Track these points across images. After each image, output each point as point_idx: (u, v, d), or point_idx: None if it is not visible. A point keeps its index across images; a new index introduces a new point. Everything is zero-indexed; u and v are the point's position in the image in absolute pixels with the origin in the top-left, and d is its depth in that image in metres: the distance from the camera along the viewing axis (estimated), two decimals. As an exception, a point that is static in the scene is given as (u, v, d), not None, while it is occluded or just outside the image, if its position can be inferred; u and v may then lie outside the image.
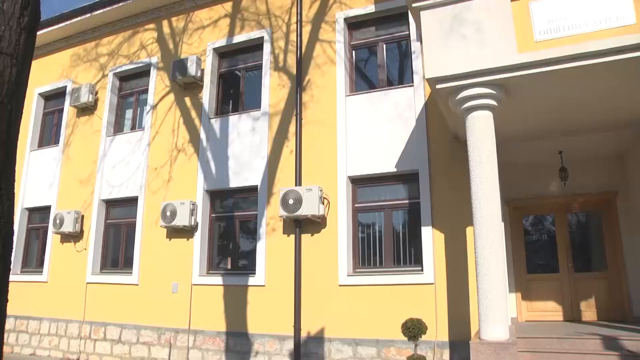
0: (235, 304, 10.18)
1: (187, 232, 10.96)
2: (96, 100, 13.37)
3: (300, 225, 9.91)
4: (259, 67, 11.58)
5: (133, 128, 12.96)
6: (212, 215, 11.17)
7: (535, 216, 11.32)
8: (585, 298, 10.44)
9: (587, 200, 10.72)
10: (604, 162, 10.63)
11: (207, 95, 11.68)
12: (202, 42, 12.15)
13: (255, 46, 11.69)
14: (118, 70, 13.33)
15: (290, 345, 9.55)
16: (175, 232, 11.09)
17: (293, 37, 11.11)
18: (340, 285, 9.45)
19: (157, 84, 12.51)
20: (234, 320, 10.12)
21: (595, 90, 7.32)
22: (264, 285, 10.03)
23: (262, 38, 11.48)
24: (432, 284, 8.93)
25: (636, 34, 6.35)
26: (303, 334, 9.51)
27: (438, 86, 7.12)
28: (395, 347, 8.88)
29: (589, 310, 10.37)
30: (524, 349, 7.44)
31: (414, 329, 7.45)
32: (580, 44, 6.49)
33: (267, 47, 11.34)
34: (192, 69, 11.45)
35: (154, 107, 12.31)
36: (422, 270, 9.09)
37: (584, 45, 6.46)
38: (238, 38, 11.75)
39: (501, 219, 6.90)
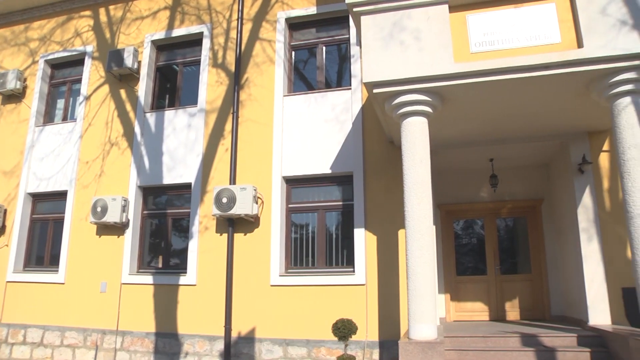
0: (166, 303, 10.01)
1: (118, 229, 10.68)
2: (24, 88, 12.75)
3: (234, 225, 9.84)
4: (197, 63, 11.41)
5: (64, 119, 12.46)
6: (145, 212, 10.93)
7: (465, 220, 11.66)
8: (510, 299, 10.89)
9: (515, 206, 11.19)
10: (531, 171, 11.17)
11: (143, 88, 11.40)
12: (140, 33, 11.85)
13: (195, 41, 11.52)
14: (50, 57, 12.77)
15: (220, 345, 9.47)
16: (106, 229, 10.79)
17: (233, 34, 11.01)
18: (272, 286, 9.46)
19: (92, 74, 12.09)
20: (164, 320, 9.95)
21: (525, 102, 7.68)
22: (195, 285, 9.90)
23: (201, 33, 11.32)
24: (364, 284, 9.06)
25: (561, 52, 6.73)
26: (234, 334, 9.46)
27: (375, 91, 7.22)
28: (326, 347, 8.97)
29: (512, 310, 10.85)
30: (450, 347, 7.71)
31: (344, 329, 7.52)
32: (512, 58, 6.82)
33: (206, 43, 11.18)
34: (128, 61, 11.16)
35: (87, 97, 11.91)
36: (353, 271, 9.22)
37: (515, 59, 6.80)
38: (177, 32, 11.53)
39: (433, 222, 7.08)
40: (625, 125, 6.73)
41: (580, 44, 6.77)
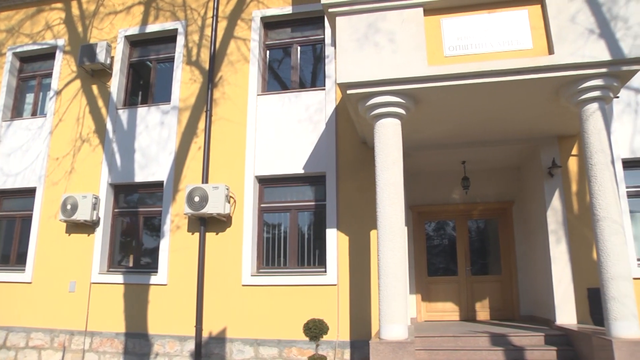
0: (137, 303, 9.89)
1: (88, 227, 10.52)
2: (-9, 81, 12.47)
3: (206, 224, 9.78)
4: (171, 60, 11.30)
5: (34, 114, 12.19)
6: (116, 210, 10.78)
7: (437, 222, 11.75)
8: (480, 299, 11.02)
9: (486, 208, 11.33)
10: (502, 173, 11.31)
11: (116, 84, 11.24)
12: (114, 28, 11.68)
13: (169, 37, 11.39)
14: (19, 49, 12.46)
15: (191, 345, 9.41)
16: (76, 227, 10.61)
17: (208, 31, 10.92)
18: (243, 285, 9.44)
19: (63, 68, 11.87)
20: (134, 320, 9.83)
21: (497, 106, 7.79)
22: (166, 285, 9.81)
23: (176, 30, 11.21)
24: (335, 285, 9.10)
25: (532, 57, 6.86)
26: (205, 334, 9.39)
27: (349, 91, 7.24)
28: (297, 347, 8.97)
29: (483, 310, 10.98)
30: (421, 347, 7.80)
31: (315, 330, 7.54)
32: (485, 62, 6.92)
33: (180, 40, 11.07)
34: (101, 56, 10.98)
35: (58, 92, 11.69)
36: (325, 271, 9.24)
37: (488, 63, 6.90)
38: (151, 27, 11.39)
39: (405, 223, 7.12)
40: (593, 131, 6.89)
41: (551, 51, 6.90)
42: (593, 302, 8.38)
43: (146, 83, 11.53)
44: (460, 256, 11.31)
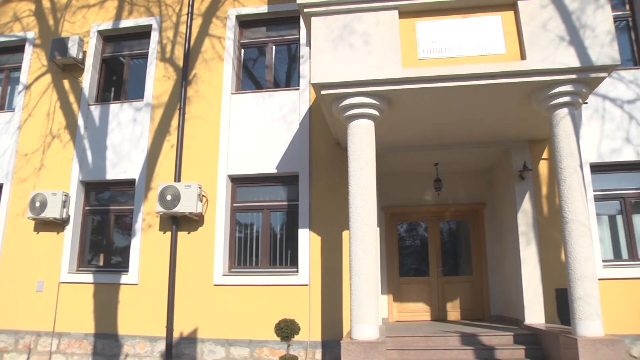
0: (107, 303, 9.74)
1: (57, 225, 10.31)
2: (-44, 74, 12.10)
3: (178, 223, 9.70)
4: (144, 56, 11.16)
5: (1, 108, 11.83)
6: (86, 208, 10.60)
7: (409, 223, 11.84)
8: (451, 299, 11.14)
9: (458, 210, 11.45)
10: (474, 176, 11.46)
11: (88, 79, 11.04)
12: (86, 22, 11.46)
13: (143, 33, 11.24)
14: (-16, 42, 12.11)
15: (162, 346, 9.31)
16: (45, 225, 10.40)
17: (183, 28, 10.81)
18: (215, 285, 9.38)
19: (33, 62, 11.59)
20: (104, 321, 9.68)
21: (470, 110, 7.89)
22: (137, 284, 9.69)
23: (150, 26, 11.07)
24: (307, 285, 9.12)
25: (505, 62, 6.97)
26: (176, 335, 9.32)
27: (323, 92, 7.25)
28: (269, 347, 8.96)
29: (453, 310, 11.11)
30: (392, 347, 7.85)
31: (287, 330, 7.53)
32: (459, 66, 7.00)
33: (154, 36, 10.94)
34: (73, 50, 10.77)
35: (27, 87, 11.42)
36: (297, 271, 9.26)
37: (461, 67, 6.99)
38: (125, 23, 11.22)
39: (377, 224, 7.16)
40: (563, 135, 7.02)
41: (523, 56, 7.01)
42: (561, 302, 8.55)
43: (119, 79, 11.37)
44: (431, 257, 11.43)
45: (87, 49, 11.21)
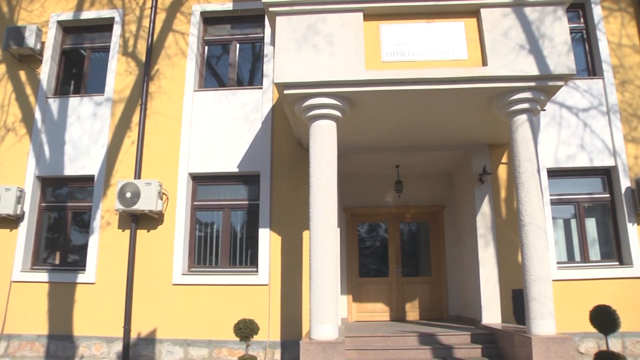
0: (62, 303, 9.46)
1: (11, 221, 9.96)
2: None
3: (137, 221, 9.53)
4: (106, 49, 10.88)
5: (-48, 99, 11.47)
6: (42, 204, 10.29)
7: (370, 224, 11.93)
8: (410, 300, 11.27)
9: (418, 212, 11.59)
10: (435, 178, 11.64)
11: (47, 71, 10.70)
12: (45, 11, 11.10)
13: (105, 26, 10.96)
14: None
15: (119, 347, 9.12)
16: (-3, 221, 10.08)
17: (146, 22, 10.61)
18: (174, 284, 9.26)
19: (-15, 51, 11.20)
20: (59, 321, 9.39)
21: (432, 113, 8.00)
22: (94, 283, 9.46)
23: (112, 19, 10.81)
24: (267, 285, 9.10)
25: (467, 68, 7.08)
26: (133, 335, 9.15)
27: (286, 92, 7.23)
28: (228, 347, 8.91)
29: (412, 310, 11.24)
30: (351, 347, 7.90)
31: (246, 330, 7.47)
32: (421, 70, 7.08)
33: (117, 29, 10.70)
34: (30, 40, 10.42)
35: (-20, 77, 11.06)
36: (257, 271, 9.23)
37: (424, 71, 7.07)
38: (87, 14, 10.93)
39: (337, 224, 7.17)
40: (522, 141, 7.17)
41: (485, 62, 7.14)
42: (516, 302, 8.75)
43: (79, 72, 11.08)
44: (391, 258, 11.54)
45: (45, 40, 10.86)
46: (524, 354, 6.71)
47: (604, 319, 6.77)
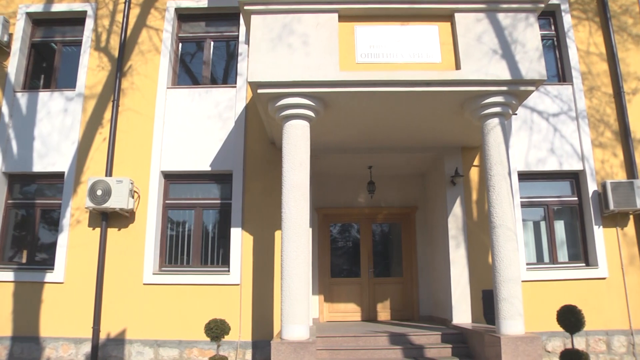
0: (28, 303, 9.21)
1: (-25, 218, 9.75)
2: None
3: (108, 219, 9.39)
4: (78, 44, 10.67)
5: None
6: (9, 201, 10.02)
7: (342, 224, 11.99)
8: (382, 300, 11.34)
9: (390, 213, 11.68)
10: (407, 180, 11.74)
11: (15, 64, 10.43)
12: (13, 2, 10.76)
13: (77, 20, 10.74)
14: None
15: (87, 348, 8.93)
16: (-39, 219, 9.79)
17: (119, 17, 10.44)
18: (145, 284, 9.14)
19: (-52, 41, 10.85)
20: (25, 322, 9.14)
21: (405, 115, 8.05)
22: (62, 283, 9.25)
23: (85, 12, 10.60)
24: (238, 284, 9.07)
25: (440, 71, 7.15)
26: (102, 336, 8.98)
27: (260, 91, 7.20)
28: (198, 348, 8.84)
29: (384, 311, 11.31)
30: (322, 347, 7.91)
31: (217, 330, 7.42)
32: (395, 72, 7.13)
33: (89, 23, 10.50)
34: (-4, 31, 10.18)
35: (-57, 69, 10.72)
36: (229, 271, 9.18)
37: (398, 73, 7.12)
38: (58, 7, 10.70)
39: (310, 225, 7.19)
40: (493, 144, 7.27)
41: (458, 66, 7.21)
42: (486, 302, 8.84)
43: (49, 66, 10.84)
44: (363, 258, 11.60)
45: (13, 32, 10.56)
46: (494, 353, 6.83)
47: (570, 319, 6.99)
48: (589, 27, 10.48)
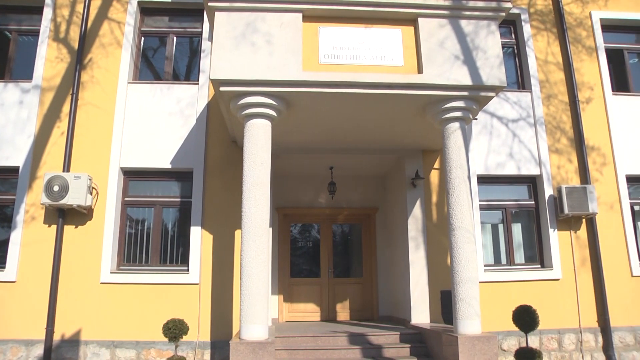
0: (-26, 305, 8.85)
1: None
2: None
3: (64, 216, 9.12)
4: (35, 33, 10.28)
5: None
6: (-42, 195, 9.70)
7: (303, 224, 12.02)
8: (341, 300, 11.40)
9: (351, 214, 11.75)
10: (368, 181, 11.85)
11: (-34, 53, 10.09)
12: (-39, -15, 10.33)
13: (34, 8, 10.35)
14: None
15: (39, 350, 8.60)
16: None
17: (80, 8, 10.13)
18: (102, 283, 8.91)
19: None
20: (-31, 325, 8.77)
21: (367, 117, 8.10)
22: (14, 282, 8.89)
23: (42, 1, 10.20)
24: (197, 284, 8.97)
25: (403, 74, 7.23)
26: (56, 337, 8.69)
27: (222, 89, 7.14)
28: (156, 348, 8.69)
29: (343, 311, 11.36)
30: (281, 347, 7.90)
31: (175, 330, 7.33)
32: (358, 73, 7.16)
33: (47, 13, 10.15)
34: (-60, 16, 9.76)
35: None
36: (188, 270, 9.07)
37: (361, 75, 7.15)
38: (12, -7, 10.32)
39: (270, 224, 7.16)
40: (453, 147, 7.38)
41: (420, 70, 7.30)
42: (445, 303, 9.01)
43: (4, 56, 10.42)
44: (323, 258, 11.64)
45: (-37, 19, 10.21)
46: (451, 352, 6.94)
47: (525, 318, 7.21)
48: (547, 37, 10.78)
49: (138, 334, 8.75)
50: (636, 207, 10.41)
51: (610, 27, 11.18)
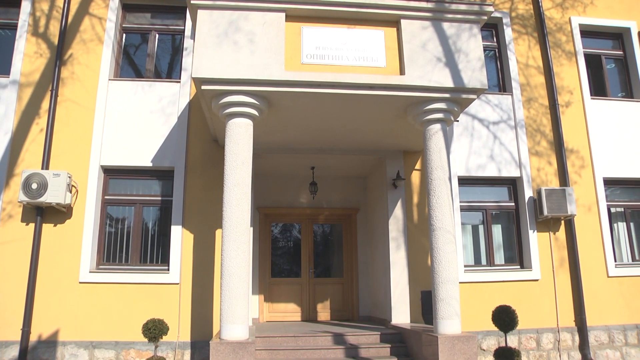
0: (-53, 305, 8.65)
1: None
2: None
3: (43, 214, 8.98)
4: (13, 27, 10.08)
5: None
6: None
7: (284, 224, 12.02)
8: (322, 300, 11.42)
9: (332, 214, 11.79)
10: (350, 181, 11.89)
11: (-60, 47, 9.90)
12: None
13: (12, 1, 10.14)
14: None
15: (15, 352, 8.43)
16: None
17: (60, 2, 9.97)
18: (81, 283, 8.78)
19: None
20: (-60, 326, 8.57)
21: (349, 117, 8.12)
22: (-10, 281, 8.77)
23: (21, -7, 10.08)
24: (178, 284, 8.91)
25: (385, 75, 7.25)
26: (33, 338, 8.52)
27: (203, 87, 7.11)
28: (136, 349, 8.60)
29: (324, 311, 11.39)
30: (262, 347, 7.89)
31: (155, 330, 7.27)
32: (340, 74, 7.17)
33: (26, 6, 9.96)
34: None
35: None
36: (168, 269, 9.00)
37: (343, 75, 7.16)
38: (-11, -15, 10.14)
39: (251, 224, 7.14)
40: (435, 149, 7.43)
41: (402, 72, 7.33)
42: (425, 303, 9.05)
43: (-19, 51, 10.33)
44: (304, 258, 11.66)
45: (-64, 12, 9.99)
46: (431, 352, 7.01)
47: (504, 318, 7.31)
48: (528, 41, 10.92)
49: (117, 334, 8.65)
50: (613, 210, 10.59)
51: (589, 32, 11.40)
